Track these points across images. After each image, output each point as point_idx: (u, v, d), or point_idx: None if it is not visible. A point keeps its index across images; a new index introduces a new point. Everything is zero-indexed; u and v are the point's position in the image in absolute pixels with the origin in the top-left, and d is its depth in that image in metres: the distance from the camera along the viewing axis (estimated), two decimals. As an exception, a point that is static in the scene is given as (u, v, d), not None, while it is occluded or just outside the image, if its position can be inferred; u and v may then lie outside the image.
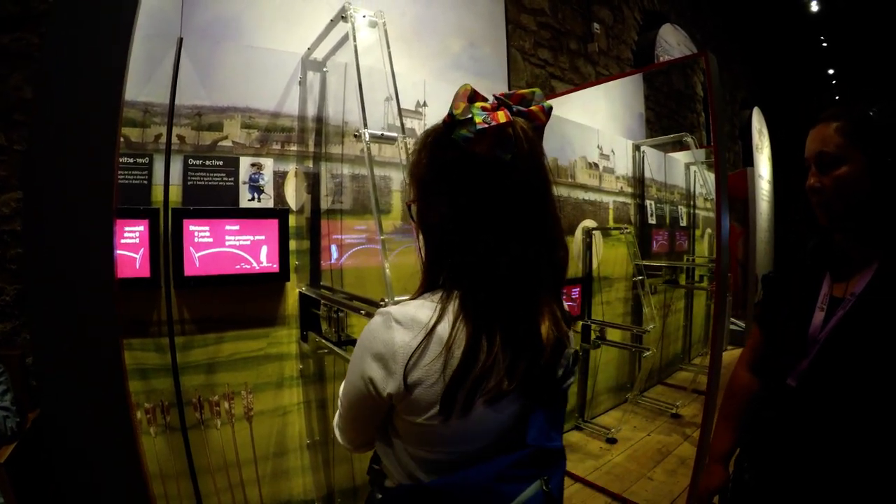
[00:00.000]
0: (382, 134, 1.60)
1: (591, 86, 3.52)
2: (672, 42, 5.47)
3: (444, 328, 0.66)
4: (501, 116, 0.66)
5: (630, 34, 4.84)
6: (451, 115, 0.68)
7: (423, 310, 0.68)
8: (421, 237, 0.77)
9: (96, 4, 0.89)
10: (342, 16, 1.79)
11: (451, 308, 0.67)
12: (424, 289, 0.75)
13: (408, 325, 0.67)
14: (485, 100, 0.70)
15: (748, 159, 6.86)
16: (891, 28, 8.33)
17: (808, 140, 1.01)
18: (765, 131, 7.30)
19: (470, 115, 0.66)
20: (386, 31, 1.79)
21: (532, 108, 0.71)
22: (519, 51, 3.49)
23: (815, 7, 7.99)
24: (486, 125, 0.65)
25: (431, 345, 0.65)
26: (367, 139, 1.56)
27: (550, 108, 0.73)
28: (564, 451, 0.74)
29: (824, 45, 9.50)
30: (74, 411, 0.90)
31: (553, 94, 3.55)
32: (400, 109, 1.71)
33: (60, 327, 0.88)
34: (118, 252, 1.75)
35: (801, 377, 0.98)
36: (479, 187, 0.68)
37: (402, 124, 1.66)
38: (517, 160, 0.68)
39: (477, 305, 0.67)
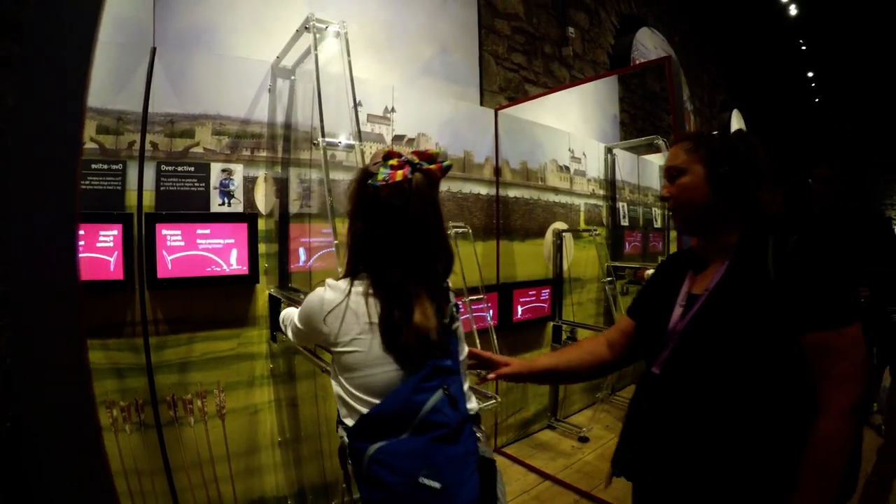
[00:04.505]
0: (339, 142, 1.67)
1: (560, 89, 3.57)
2: (649, 46, 5.51)
3: (355, 294, 1.04)
4: (399, 175, 0.98)
5: (607, 38, 4.89)
6: (367, 169, 1.05)
7: (343, 283, 1.07)
8: (339, 240, 1.09)
9: (59, 10, 0.94)
10: (306, 27, 1.85)
11: (362, 286, 1.05)
12: (346, 274, 1.11)
13: (335, 289, 1.06)
14: (399, 156, 1.02)
15: (727, 160, 6.94)
16: (868, 32, 8.49)
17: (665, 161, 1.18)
18: (744, 133, 7.39)
19: (377, 172, 1.00)
20: (347, 42, 1.85)
21: (432, 166, 1.01)
22: (492, 55, 3.53)
23: (793, 11, 8.11)
24: (385, 182, 0.98)
25: (347, 302, 1.03)
26: (324, 146, 1.63)
27: (449, 167, 1.05)
28: (458, 366, 1.08)
29: (803, 48, 9.66)
30: (39, 414, 0.94)
31: (525, 97, 3.62)
32: (358, 118, 1.79)
33: (24, 329, 0.93)
34: (93, 255, 1.82)
35: (663, 365, 1.11)
36: (383, 219, 1.03)
37: (360, 132, 1.75)
38: (409, 205, 1.00)
39: (376, 289, 1.04)
